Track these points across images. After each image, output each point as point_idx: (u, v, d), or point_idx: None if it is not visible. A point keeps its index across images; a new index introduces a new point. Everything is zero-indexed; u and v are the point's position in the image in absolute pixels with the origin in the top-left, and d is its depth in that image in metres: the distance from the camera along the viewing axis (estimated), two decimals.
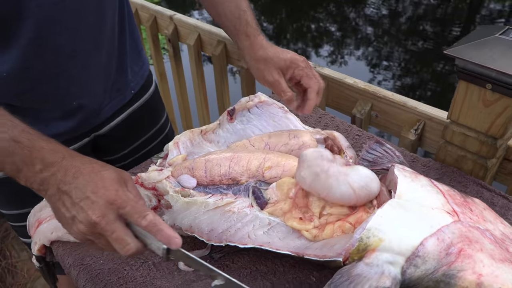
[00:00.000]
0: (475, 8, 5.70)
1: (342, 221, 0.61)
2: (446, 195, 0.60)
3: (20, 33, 0.69)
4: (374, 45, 4.96)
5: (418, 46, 4.87)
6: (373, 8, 6.02)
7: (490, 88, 0.68)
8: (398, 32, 5.29)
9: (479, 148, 0.74)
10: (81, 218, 0.53)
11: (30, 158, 0.55)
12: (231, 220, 0.64)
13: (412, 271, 0.53)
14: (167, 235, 0.52)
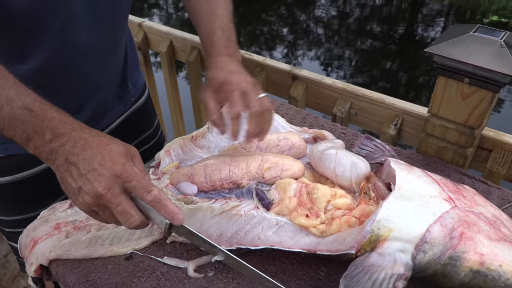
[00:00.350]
0: (417, 8, 6.04)
1: (347, 215, 0.64)
2: (440, 184, 0.64)
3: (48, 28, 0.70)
4: (325, 46, 5.12)
5: (367, 45, 5.09)
6: (322, 10, 6.21)
7: (467, 82, 0.74)
8: (347, 32, 5.49)
9: (459, 139, 0.80)
10: (87, 189, 0.54)
11: (41, 127, 0.56)
12: (239, 223, 0.65)
13: (422, 256, 0.56)
14: (171, 211, 0.55)
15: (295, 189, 0.68)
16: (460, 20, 5.41)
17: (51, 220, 0.70)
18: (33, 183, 0.86)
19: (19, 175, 0.83)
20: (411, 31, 5.40)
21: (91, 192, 0.54)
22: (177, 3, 6.38)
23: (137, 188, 0.55)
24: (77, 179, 0.55)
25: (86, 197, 0.54)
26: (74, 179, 0.55)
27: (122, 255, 0.68)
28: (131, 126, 1.01)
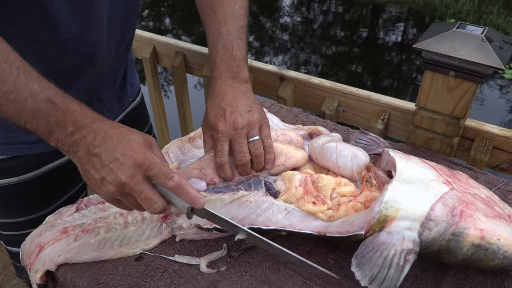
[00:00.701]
0: (377, 13, 6.26)
1: (354, 201, 0.67)
2: (437, 169, 0.68)
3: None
4: (291, 51, 5.22)
5: (332, 50, 5.23)
6: (287, 17, 6.33)
7: (453, 75, 0.79)
8: (312, 38, 5.62)
9: (445, 129, 0.85)
10: (111, 179, 0.56)
11: (63, 120, 0.58)
12: (250, 208, 0.67)
13: (427, 233, 0.59)
14: (192, 195, 0.58)
15: (300, 179, 0.70)
16: (420, 24, 5.66)
17: (58, 224, 0.68)
18: (38, 184, 0.86)
19: (24, 176, 0.83)
20: (373, 36, 5.59)
21: (114, 181, 0.56)
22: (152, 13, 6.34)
23: (159, 175, 0.57)
24: (100, 170, 0.56)
25: (110, 186, 0.56)
26: (97, 170, 0.57)
27: (132, 256, 0.68)
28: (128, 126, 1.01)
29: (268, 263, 0.67)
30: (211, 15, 0.82)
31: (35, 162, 0.84)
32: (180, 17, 6.44)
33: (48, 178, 0.86)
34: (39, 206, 0.89)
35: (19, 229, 0.91)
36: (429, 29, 0.84)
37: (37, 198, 0.89)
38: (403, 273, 0.56)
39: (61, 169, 0.89)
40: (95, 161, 0.57)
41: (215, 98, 0.75)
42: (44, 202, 0.90)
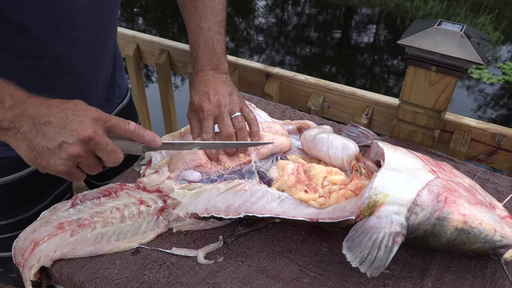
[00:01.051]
0: (350, 15, 6.40)
1: (344, 189, 0.69)
2: (423, 159, 0.72)
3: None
4: (267, 53, 5.27)
5: (306, 51, 5.30)
6: (262, 18, 6.38)
7: (434, 70, 0.83)
8: (287, 39, 5.69)
9: (427, 122, 0.89)
10: (73, 139, 0.54)
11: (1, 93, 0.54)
12: (245, 196, 0.69)
13: (414, 218, 0.63)
14: (151, 135, 0.63)
15: (292, 168, 0.72)
16: (391, 25, 5.82)
17: (53, 220, 0.68)
18: (19, 187, 0.83)
19: (5, 179, 0.81)
20: (346, 37, 5.71)
21: (77, 140, 0.54)
22: None
23: (118, 123, 0.59)
24: (56, 136, 0.54)
25: (72, 148, 0.55)
26: (51, 138, 0.54)
27: (128, 250, 0.69)
28: None
29: (264, 252, 0.69)
30: (192, 10, 0.85)
31: (16, 165, 0.81)
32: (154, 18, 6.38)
33: (30, 180, 0.84)
34: (21, 209, 0.86)
35: (1, 232, 0.88)
36: (411, 26, 0.87)
37: (19, 201, 0.86)
38: (392, 254, 0.59)
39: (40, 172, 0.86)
40: (46, 130, 0.54)
41: (198, 86, 0.80)
42: (27, 205, 0.87)
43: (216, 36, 0.85)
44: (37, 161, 0.56)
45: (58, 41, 0.73)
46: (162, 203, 0.72)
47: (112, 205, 0.71)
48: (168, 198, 0.72)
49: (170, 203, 0.72)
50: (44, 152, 0.55)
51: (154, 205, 0.71)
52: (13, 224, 0.87)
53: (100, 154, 0.58)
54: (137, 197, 0.73)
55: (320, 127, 0.82)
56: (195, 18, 0.85)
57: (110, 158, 0.59)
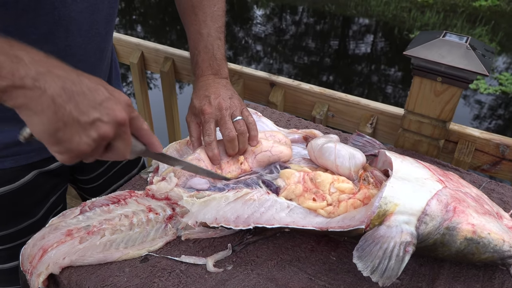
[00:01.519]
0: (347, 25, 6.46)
1: (353, 198, 0.70)
2: (430, 169, 0.72)
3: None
4: (264, 61, 5.30)
5: (304, 60, 5.34)
6: (260, 26, 6.42)
7: (440, 81, 0.84)
8: (285, 48, 5.73)
9: (432, 132, 0.90)
10: (108, 119, 0.49)
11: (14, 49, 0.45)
12: (254, 206, 0.69)
13: (424, 227, 0.63)
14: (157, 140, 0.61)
15: (298, 177, 0.73)
16: (389, 35, 5.87)
17: (62, 227, 0.68)
18: (9, 200, 0.82)
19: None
20: (343, 46, 5.76)
21: (113, 121, 0.49)
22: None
23: (139, 117, 0.56)
24: (90, 111, 0.47)
25: (106, 128, 0.49)
26: (84, 111, 0.47)
27: (137, 258, 0.69)
28: None
29: (273, 261, 0.69)
30: (191, 16, 0.86)
31: (6, 177, 0.79)
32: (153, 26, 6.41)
33: (21, 193, 0.82)
34: (10, 223, 0.84)
35: None
36: (416, 37, 0.89)
37: (8, 214, 0.84)
38: (403, 263, 0.59)
39: (32, 185, 0.84)
40: (79, 99, 0.46)
41: (199, 91, 0.80)
42: (16, 219, 0.85)
43: (216, 42, 0.86)
44: (58, 134, 0.47)
45: (50, 47, 0.68)
46: (171, 211, 0.72)
47: (121, 212, 0.71)
48: (176, 206, 0.72)
49: (178, 211, 0.72)
50: (72, 125, 0.47)
51: (163, 213, 0.71)
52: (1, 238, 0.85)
53: (118, 144, 0.53)
54: (146, 205, 0.73)
55: (326, 136, 0.82)
56: (195, 25, 0.86)
57: (123, 150, 0.53)
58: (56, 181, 0.90)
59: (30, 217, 0.87)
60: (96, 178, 1.00)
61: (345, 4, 6.78)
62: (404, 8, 6.42)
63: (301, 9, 7.01)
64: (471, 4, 6.25)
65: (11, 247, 0.86)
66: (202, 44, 0.84)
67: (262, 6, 7.15)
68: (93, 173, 0.99)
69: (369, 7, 6.60)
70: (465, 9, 6.18)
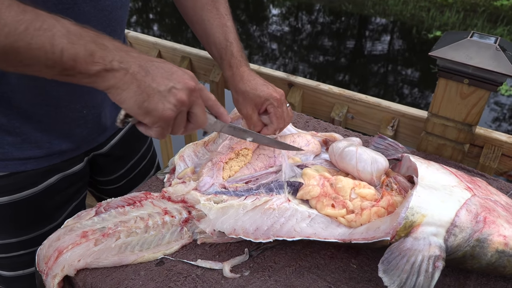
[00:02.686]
0: (364, 24, 6.38)
1: (377, 207, 0.67)
2: (457, 175, 0.69)
3: None
4: (280, 61, 5.27)
5: (320, 60, 5.29)
6: (276, 25, 6.39)
7: (467, 83, 0.80)
8: (300, 47, 5.69)
9: (457, 136, 0.87)
10: (181, 86, 0.57)
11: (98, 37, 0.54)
12: (274, 216, 0.67)
13: (452, 239, 0.60)
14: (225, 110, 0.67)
15: (318, 180, 0.70)
16: (406, 35, 5.78)
17: (77, 228, 0.67)
18: (32, 204, 0.82)
19: (17, 195, 0.79)
20: (360, 46, 5.70)
21: (185, 87, 0.57)
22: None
23: (205, 88, 0.62)
24: (165, 81, 0.56)
25: (182, 93, 0.57)
26: (160, 81, 0.56)
27: (152, 261, 0.67)
28: (130, 140, 0.99)
29: (291, 267, 0.67)
30: (213, 10, 0.88)
31: (29, 181, 0.80)
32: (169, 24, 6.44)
33: (42, 197, 0.82)
34: (32, 227, 0.84)
35: (11, 251, 0.85)
36: (442, 37, 0.85)
37: (31, 218, 0.84)
38: (434, 280, 0.56)
39: (54, 189, 0.85)
40: (154, 73, 0.55)
41: (248, 80, 0.83)
42: (38, 223, 0.85)
43: (237, 35, 0.89)
44: (145, 104, 0.55)
45: None
46: (187, 214, 0.70)
47: (136, 215, 0.70)
48: (193, 209, 0.70)
49: (194, 214, 0.70)
50: (154, 95, 0.55)
51: (179, 216, 0.70)
52: (22, 243, 0.84)
53: (196, 110, 0.60)
54: (162, 207, 0.71)
55: (348, 140, 0.80)
56: (220, 18, 0.87)
57: (201, 116, 0.61)
58: (78, 185, 0.90)
59: (51, 222, 0.87)
60: (117, 179, 1.00)
61: (362, 3, 6.70)
62: (422, 8, 6.31)
63: (317, 8, 6.95)
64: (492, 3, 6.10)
65: (34, 251, 0.86)
66: (232, 35, 0.87)
67: (278, 6, 7.11)
68: (113, 174, 0.99)
69: (387, 6, 6.51)
70: (486, 9, 6.04)
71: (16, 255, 0.86)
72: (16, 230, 0.83)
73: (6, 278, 0.89)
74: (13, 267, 0.87)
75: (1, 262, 0.87)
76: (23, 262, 0.87)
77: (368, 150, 0.75)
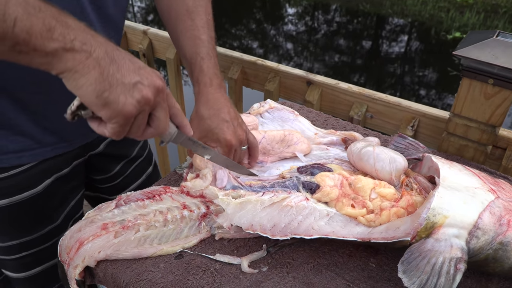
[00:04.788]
0: (381, 25, 6.32)
1: (396, 207, 0.66)
2: (480, 177, 0.68)
3: None
4: (295, 61, 5.25)
5: (335, 60, 5.26)
6: (292, 25, 6.37)
7: (491, 83, 0.79)
8: (316, 47, 5.66)
9: (480, 137, 0.85)
10: (148, 83, 0.51)
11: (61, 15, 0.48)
12: (291, 214, 0.66)
13: (475, 242, 0.59)
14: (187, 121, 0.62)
15: (334, 179, 0.70)
16: (424, 36, 5.71)
17: (97, 220, 0.68)
18: (31, 205, 0.82)
19: (17, 197, 0.79)
20: (376, 46, 5.64)
21: (151, 85, 0.52)
22: None
23: (171, 94, 0.57)
24: (131, 74, 0.50)
25: (147, 90, 0.51)
26: (126, 73, 0.50)
27: (171, 254, 0.68)
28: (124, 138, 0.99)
29: (309, 264, 0.67)
30: (187, 21, 0.83)
31: (27, 182, 0.80)
32: None
33: (43, 198, 0.83)
34: (33, 228, 0.84)
35: (13, 253, 0.85)
36: (466, 37, 0.84)
37: (31, 219, 0.84)
38: (455, 283, 0.55)
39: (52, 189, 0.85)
40: (121, 63, 0.50)
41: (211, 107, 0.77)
42: (38, 224, 0.86)
43: (214, 51, 0.83)
44: (105, 95, 0.49)
45: None
46: (205, 209, 0.70)
47: (155, 208, 0.70)
48: (211, 204, 0.71)
49: (213, 209, 0.70)
50: (117, 85, 0.49)
51: (197, 211, 0.70)
52: (23, 245, 0.85)
53: (159, 113, 0.55)
54: (181, 202, 0.72)
55: (366, 140, 0.79)
56: (193, 30, 0.82)
57: (163, 120, 0.55)
58: (73, 184, 0.90)
59: (52, 222, 0.87)
60: (112, 178, 1.00)
61: (380, 3, 6.64)
62: (442, 8, 6.22)
63: (334, 7, 6.91)
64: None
65: (36, 252, 0.87)
66: (204, 50, 0.81)
67: (294, 5, 7.09)
68: (108, 173, 0.99)
69: (405, 6, 6.44)
70: (508, 10, 5.92)
71: (18, 257, 0.85)
72: (17, 232, 0.83)
73: (14, 280, 0.90)
74: (16, 269, 0.88)
75: (6, 264, 0.88)
76: (27, 264, 0.87)
77: (386, 149, 0.74)
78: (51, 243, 0.88)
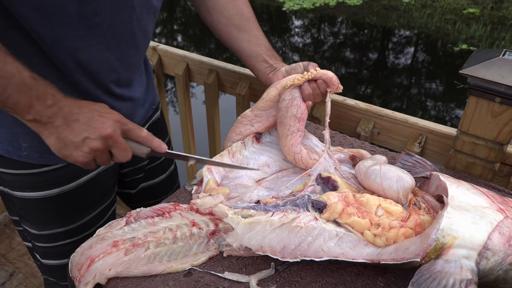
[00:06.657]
0: (387, 37, 6.33)
1: (404, 227, 0.66)
2: (489, 196, 0.68)
3: None
4: None
5: (342, 72, 5.27)
6: (298, 37, 6.41)
7: (498, 102, 0.79)
8: (322, 59, 5.68)
9: (488, 154, 0.85)
10: (95, 135, 0.65)
11: (44, 94, 0.64)
12: (301, 235, 0.67)
13: (485, 263, 0.59)
14: (159, 142, 0.72)
15: (338, 196, 0.70)
16: (431, 48, 5.71)
17: (108, 238, 0.69)
18: (79, 193, 0.89)
19: (66, 187, 0.87)
20: (383, 58, 5.65)
21: (99, 136, 0.65)
22: None
23: (134, 128, 0.69)
24: (81, 132, 0.65)
25: (94, 143, 0.65)
26: (77, 132, 0.65)
27: (180, 272, 0.68)
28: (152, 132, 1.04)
29: (317, 283, 0.67)
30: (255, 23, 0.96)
31: (76, 173, 0.87)
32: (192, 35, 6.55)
33: (87, 188, 0.90)
34: (76, 216, 0.92)
35: (57, 240, 0.92)
36: (473, 55, 0.85)
37: (75, 208, 0.91)
38: None
39: (97, 180, 0.92)
40: (74, 126, 0.64)
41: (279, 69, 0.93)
42: (82, 212, 0.93)
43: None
44: (62, 151, 0.66)
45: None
46: (214, 227, 0.71)
47: (165, 226, 0.71)
48: (220, 221, 0.71)
49: (221, 227, 0.71)
50: (69, 144, 0.65)
51: (206, 228, 0.71)
52: (68, 232, 0.92)
53: (114, 151, 0.68)
54: (190, 219, 0.73)
55: (373, 158, 0.79)
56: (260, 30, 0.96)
57: (122, 155, 0.68)
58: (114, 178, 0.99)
59: (93, 210, 0.94)
60: (139, 170, 1.06)
61: (386, 15, 6.67)
62: (448, 20, 6.24)
63: (340, 19, 6.95)
64: None
65: (80, 239, 0.93)
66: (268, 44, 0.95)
67: (300, 17, 7.15)
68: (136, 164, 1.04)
69: (412, 18, 6.46)
70: None
71: (63, 244, 0.93)
72: (63, 220, 0.91)
73: (52, 267, 0.96)
74: (59, 256, 0.94)
75: (48, 251, 0.94)
76: (69, 251, 0.92)
77: (393, 167, 0.74)
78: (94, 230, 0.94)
